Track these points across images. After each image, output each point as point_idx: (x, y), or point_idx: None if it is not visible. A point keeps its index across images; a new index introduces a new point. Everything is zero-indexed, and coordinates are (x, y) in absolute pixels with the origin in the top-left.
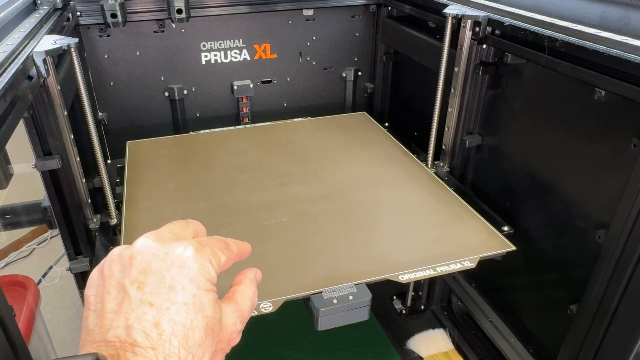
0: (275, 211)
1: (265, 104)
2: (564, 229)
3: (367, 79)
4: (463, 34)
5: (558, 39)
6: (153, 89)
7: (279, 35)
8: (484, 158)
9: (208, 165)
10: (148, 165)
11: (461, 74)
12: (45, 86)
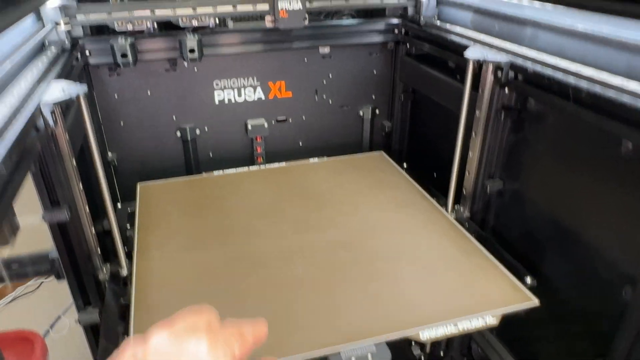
0: (292, 261)
1: (280, 143)
2: (589, 281)
3: (384, 117)
4: (485, 78)
5: (583, 89)
6: (164, 129)
7: (294, 73)
8: (506, 203)
9: (222, 210)
10: (160, 210)
11: (482, 118)
12: (54, 136)
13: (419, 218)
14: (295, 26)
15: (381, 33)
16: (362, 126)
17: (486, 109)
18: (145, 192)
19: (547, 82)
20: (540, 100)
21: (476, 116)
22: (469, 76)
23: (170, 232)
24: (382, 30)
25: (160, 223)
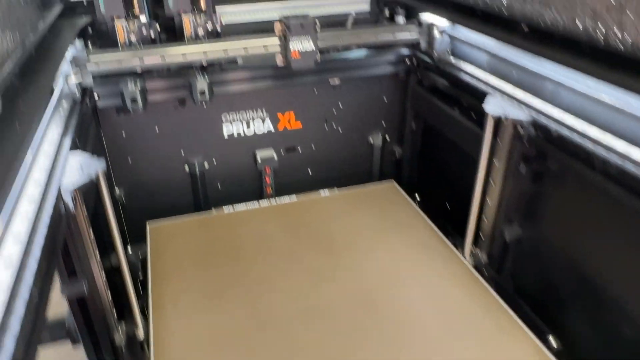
0: (309, 322)
1: (290, 173)
2: (613, 338)
3: (395, 143)
4: (505, 131)
5: (613, 164)
6: (173, 164)
7: (303, 104)
8: (525, 251)
9: (234, 258)
10: (172, 257)
11: (501, 168)
12: (73, 217)
13: (437, 265)
14: (308, 67)
15: (392, 64)
16: (372, 153)
17: (505, 159)
18: (155, 234)
19: (570, 146)
20: (561, 162)
21: (495, 165)
22: (488, 129)
23: (184, 285)
24: (393, 61)
25: (173, 274)
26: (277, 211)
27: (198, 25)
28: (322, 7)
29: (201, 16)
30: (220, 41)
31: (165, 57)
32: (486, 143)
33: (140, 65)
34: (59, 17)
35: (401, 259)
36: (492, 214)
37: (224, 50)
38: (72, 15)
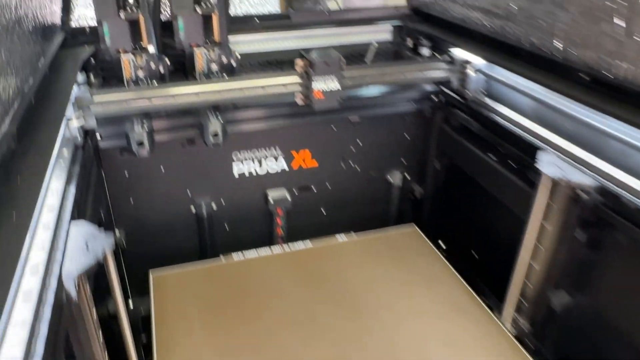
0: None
1: (303, 214)
2: None
3: (415, 182)
4: (560, 192)
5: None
6: (178, 205)
7: (320, 142)
8: (573, 321)
9: (247, 320)
10: (177, 312)
11: (554, 231)
12: (77, 306)
13: (472, 330)
14: (331, 107)
15: (417, 101)
16: (390, 192)
17: (559, 223)
18: (159, 285)
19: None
20: (627, 232)
21: (545, 227)
22: (542, 190)
23: (191, 346)
24: (418, 98)
25: (179, 332)
26: (291, 259)
27: (211, 60)
28: (341, 37)
29: (214, 50)
30: (236, 80)
31: (176, 97)
32: (538, 204)
33: (149, 107)
34: (60, 48)
35: (430, 321)
36: (539, 279)
37: (240, 90)
38: (75, 45)
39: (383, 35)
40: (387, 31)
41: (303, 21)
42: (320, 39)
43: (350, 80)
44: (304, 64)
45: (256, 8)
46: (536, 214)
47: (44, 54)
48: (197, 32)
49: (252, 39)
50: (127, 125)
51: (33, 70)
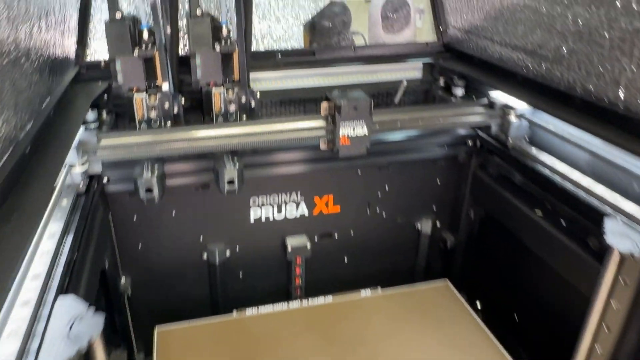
0: None
1: (324, 263)
2: None
3: (447, 230)
4: (631, 268)
5: None
6: (189, 251)
7: (344, 186)
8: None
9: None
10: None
11: (623, 310)
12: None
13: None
14: (358, 154)
15: (450, 146)
16: (419, 242)
17: (629, 302)
18: (165, 343)
19: None
20: None
21: (612, 306)
22: (611, 266)
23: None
24: (452, 142)
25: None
26: (310, 315)
27: (230, 101)
28: (368, 74)
29: (233, 90)
30: (256, 124)
31: (190, 142)
32: (605, 282)
33: (160, 152)
34: (73, 82)
35: None
36: None
37: (259, 134)
38: (89, 79)
39: (413, 73)
40: (417, 69)
41: (328, 57)
42: (345, 77)
43: (379, 124)
44: (329, 106)
45: (279, 43)
46: (603, 291)
47: (50, 91)
48: (216, 70)
49: (274, 76)
50: (136, 170)
51: (35, 110)
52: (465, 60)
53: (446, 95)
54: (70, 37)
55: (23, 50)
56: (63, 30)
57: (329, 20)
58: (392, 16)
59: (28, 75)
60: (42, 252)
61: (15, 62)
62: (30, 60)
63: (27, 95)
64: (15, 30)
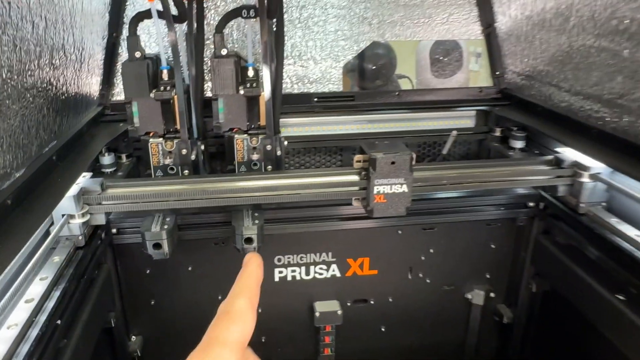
0: None
1: (357, 333)
2: None
3: (503, 303)
4: None
5: None
6: (207, 310)
7: (383, 248)
8: None
9: None
10: None
11: None
12: None
13: None
14: (395, 214)
15: (508, 207)
16: (469, 314)
17: None
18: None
19: None
20: None
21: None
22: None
23: None
24: (510, 204)
25: None
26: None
27: (253, 151)
28: (413, 122)
29: (258, 138)
30: (279, 177)
31: (207, 195)
32: None
33: (171, 205)
34: (93, 123)
35: None
36: None
37: (282, 188)
38: (112, 120)
39: (464, 122)
40: (469, 117)
41: (369, 102)
42: (388, 124)
43: (422, 182)
44: (363, 159)
45: (315, 87)
46: None
47: (58, 132)
48: (240, 115)
49: (307, 122)
50: (144, 223)
51: (33, 154)
52: (526, 108)
53: (503, 148)
54: (95, 75)
55: (29, 85)
56: (87, 68)
57: (372, 61)
58: (443, 59)
59: (29, 114)
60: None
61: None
62: (33, 96)
63: (23, 136)
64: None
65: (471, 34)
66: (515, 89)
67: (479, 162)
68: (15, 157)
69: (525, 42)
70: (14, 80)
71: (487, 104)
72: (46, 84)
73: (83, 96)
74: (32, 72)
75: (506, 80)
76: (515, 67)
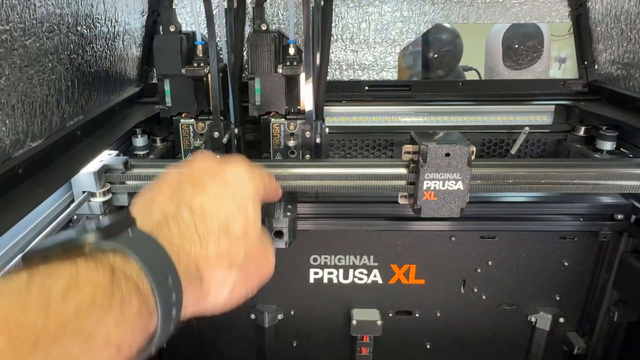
0: None
1: (398, 345)
2: None
3: (574, 330)
4: None
5: None
6: (235, 308)
7: (432, 256)
8: None
9: None
10: None
11: None
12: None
13: None
14: (448, 215)
15: (587, 218)
16: (532, 339)
17: None
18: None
19: None
20: None
21: None
22: None
23: None
24: (590, 214)
25: None
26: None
27: (290, 137)
28: (478, 116)
29: (296, 123)
30: (318, 166)
31: None
32: None
33: None
34: (128, 103)
35: None
36: None
37: (316, 177)
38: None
39: (540, 118)
40: (546, 112)
41: (426, 92)
42: (447, 117)
43: (482, 179)
44: (412, 150)
45: (368, 74)
46: None
47: (86, 107)
48: (278, 97)
49: (352, 110)
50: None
51: (53, 125)
52: (621, 104)
53: (587, 150)
54: (132, 53)
55: (46, 48)
56: (123, 44)
57: (433, 48)
58: (518, 47)
59: (48, 80)
60: None
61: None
62: (53, 62)
63: (40, 103)
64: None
65: (555, 15)
66: (607, 81)
67: (555, 160)
68: (30, 125)
69: (627, 24)
70: (23, 38)
71: (570, 98)
72: (70, 51)
73: (117, 73)
74: (49, 35)
75: (596, 71)
76: (611, 54)
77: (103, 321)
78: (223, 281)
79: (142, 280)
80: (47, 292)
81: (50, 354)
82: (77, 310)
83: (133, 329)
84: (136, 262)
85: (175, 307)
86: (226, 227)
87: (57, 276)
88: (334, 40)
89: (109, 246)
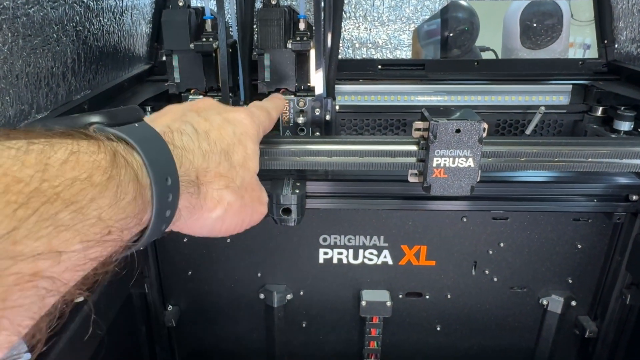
0: None
1: (408, 326)
2: None
3: (586, 314)
4: None
5: None
6: (244, 287)
7: (443, 237)
8: None
9: None
10: None
11: None
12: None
13: None
14: (458, 194)
15: (601, 198)
16: (543, 322)
17: None
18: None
19: None
20: None
21: None
22: None
23: None
24: (604, 195)
25: None
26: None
27: (299, 113)
28: (493, 95)
29: (305, 100)
30: (326, 143)
31: None
32: None
33: None
34: (137, 80)
35: None
36: None
37: (329, 153)
38: (159, 80)
39: (556, 98)
40: (562, 92)
41: (441, 71)
42: (461, 96)
43: (494, 156)
44: (423, 127)
45: (381, 52)
46: None
47: (90, 83)
48: (288, 73)
49: (363, 89)
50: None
51: (58, 99)
52: None
53: (604, 131)
54: (142, 30)
55: (49, 18)
56: (131, 19)
57: (449, 27)
58: (537, 26)
59: (52, 51)
60: None
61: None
62: (57, 33)
63: (45, 75)
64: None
65: None
66: (627, 60)
67: (569, 138)
68: (35, 96)
69: None
70: (26, 6)
71: (589, 78)
72: (75, 23)
73: (126, 49)
74: (54, 4)
75: (616, 50)
76: (631, 31)
77: (97, 200)
78: (218, 199)
79: (142, 171)
80: (46, 158)
81: (42, 215)
82: (72, 183)
83: (126, 215)
84: (138, 154)
85: (169, 210)
86: (227, 152)
87: (58, 147)
88: (347, 18)
89: (114, 133)
